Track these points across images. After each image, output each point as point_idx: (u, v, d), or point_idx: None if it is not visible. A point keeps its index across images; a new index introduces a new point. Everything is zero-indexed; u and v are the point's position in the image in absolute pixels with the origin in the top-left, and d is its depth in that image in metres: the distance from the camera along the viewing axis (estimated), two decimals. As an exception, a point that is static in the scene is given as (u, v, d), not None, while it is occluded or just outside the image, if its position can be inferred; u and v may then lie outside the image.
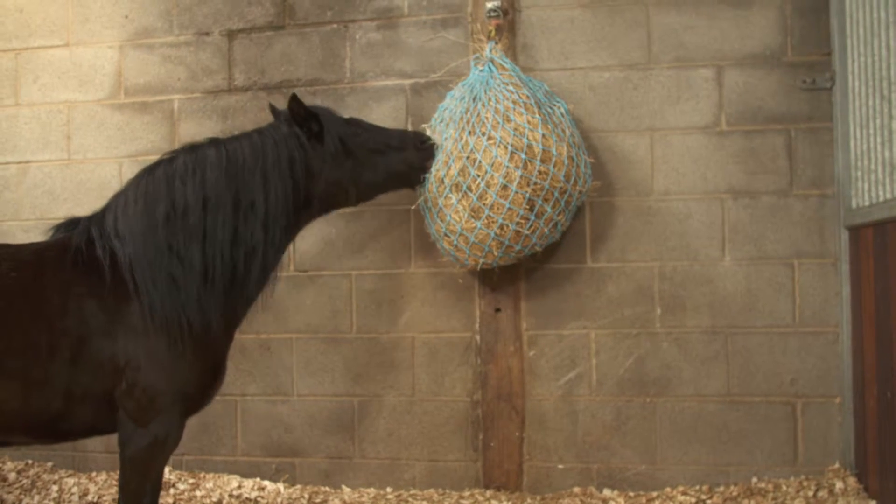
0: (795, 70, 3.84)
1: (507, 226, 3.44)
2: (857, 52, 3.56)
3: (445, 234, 3.58)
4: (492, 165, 3.41)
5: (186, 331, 2.70)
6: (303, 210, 3.08)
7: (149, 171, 2.89)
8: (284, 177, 2.95)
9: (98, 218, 2.86)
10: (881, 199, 3.37)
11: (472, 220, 3.46)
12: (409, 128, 4.08)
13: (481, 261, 3.60)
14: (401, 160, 3.35)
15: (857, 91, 3.58)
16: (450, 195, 3.48)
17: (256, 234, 2.87)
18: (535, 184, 3.41)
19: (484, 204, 3.43)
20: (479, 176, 3.42)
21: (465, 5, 4.10)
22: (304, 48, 4.28)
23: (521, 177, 3.39)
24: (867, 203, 3.50)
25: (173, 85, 4.42)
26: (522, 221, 3.45)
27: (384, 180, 3.32)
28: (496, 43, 3.77)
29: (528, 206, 3.42)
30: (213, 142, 2.97)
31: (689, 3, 3.92)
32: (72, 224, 2.91)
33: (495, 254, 3.54)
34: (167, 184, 2.81)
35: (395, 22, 4.19)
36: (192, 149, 2.94)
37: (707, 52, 3.91)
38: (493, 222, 3.44)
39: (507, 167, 3.40)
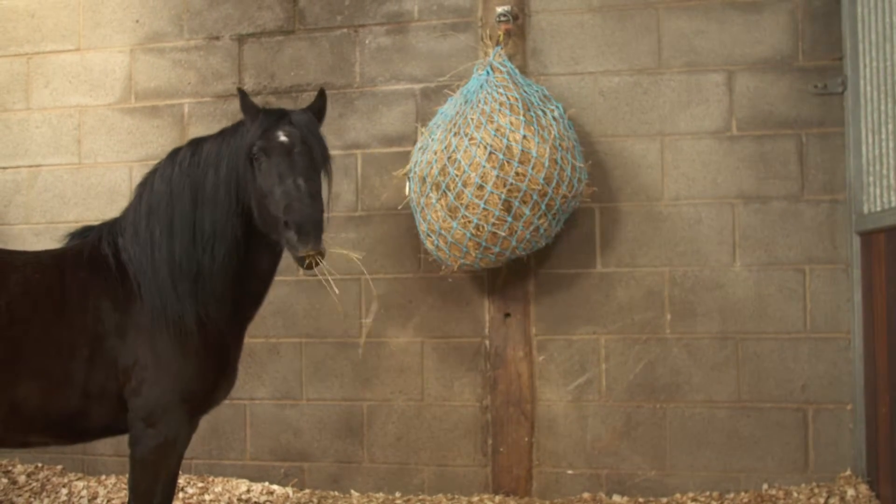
0: (807, 75, 3.83)
1: (483, 226, 3.43)
2: (869, 57, 3.54)
3: (428, 234, 3.60)
4: (470, 165, 3.41)
5: (181, 325, 2.70)
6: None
7: (151, 174, 2.91)
8: (232, 170, 2.74)
9: (110, 223, 2.93)
10: (893, 204, 3.35)
11: (449, 219, 3.46)
12: (418, 128, 4.08)
13: (461, 261, 3.60)
14: (273, 224, 2.63)
15: (868, 96, 3.57)
16: (430, 194, 3.51)
17: (219, 222, 2.72)
18: (511, 185, 3.38)
19: (460, 203, 3.43)
20: (457, 175, 3.42)
21: (475, 10, 4.10)
22: (314, 53, 4.29)
23: (496, 177, 3.37)
24: (879, 208, 3.48)
25: (184, 89, 4.43)
26: (498, 223, 3.43)
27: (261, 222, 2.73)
28: (502, 48, 3.76)
29: (504, 208, 3.40)
30: (193, 142, 2.91)
31: (699, 8, 3.92)
32: (86, 231, 2.97)
33: (473, 255, 3.53)
34: (165, 184, 2.82)
35: (405, 27, 4.20)
36: (174, 153, 2.91)
37: (718, 56, 3.90)
38: (468, 222, 3.44)
39: (484, 167, 3.39)
